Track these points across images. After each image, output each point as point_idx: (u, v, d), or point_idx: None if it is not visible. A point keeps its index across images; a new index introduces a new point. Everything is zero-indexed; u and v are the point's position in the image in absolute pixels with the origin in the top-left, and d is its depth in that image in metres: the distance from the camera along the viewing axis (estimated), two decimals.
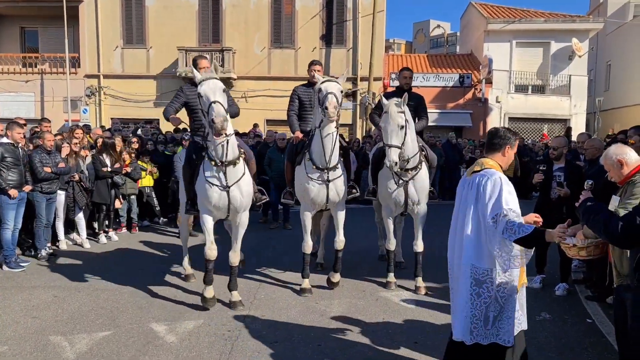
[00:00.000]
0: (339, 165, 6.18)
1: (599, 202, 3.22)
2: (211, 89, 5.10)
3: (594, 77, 27.23)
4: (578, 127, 21.22)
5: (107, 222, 9.27)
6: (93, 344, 4.76)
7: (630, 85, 24.60)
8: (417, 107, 6.82)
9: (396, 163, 5.66)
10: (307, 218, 6.41)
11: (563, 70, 22.45)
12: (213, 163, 5.47)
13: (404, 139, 5.76)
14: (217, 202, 5.57)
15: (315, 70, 6.50)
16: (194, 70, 5.54)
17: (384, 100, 5.95)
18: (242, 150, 5.80)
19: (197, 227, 9.90)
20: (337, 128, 5.97)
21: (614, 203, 3.76)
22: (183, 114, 6.35)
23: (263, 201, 6.65)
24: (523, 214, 3.43)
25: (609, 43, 26.83)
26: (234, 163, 5.52)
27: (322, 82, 5.78)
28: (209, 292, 5.76)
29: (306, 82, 6.87)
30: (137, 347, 4.72)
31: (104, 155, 9.03)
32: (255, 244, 6.79)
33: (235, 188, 5.58)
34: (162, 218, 10.87)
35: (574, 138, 15.98)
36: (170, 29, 21.29)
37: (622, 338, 3.85)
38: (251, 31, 21.59)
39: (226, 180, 5.51)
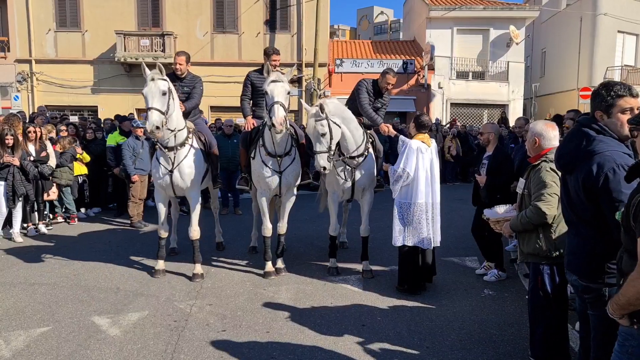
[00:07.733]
0: (292, 151, 6.24)
1: None
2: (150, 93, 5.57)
3: (530, 63, 28.23)
4: (516, 112, 22.00)
5: (36, 215, 8.79)
6: (30, 341, 4.55)
7: (563, 72, 25.68)
8: (382, 107, 6.84)
9: (324, 168, 5.72)
10: (264, 202, 6.40)
11: (501, 57, 23.15)
12: (158, 146, 6.12)
13: (330, 143, 5.73)
14: (161, 182, 6.21)
15: (275, 61, 6.57)
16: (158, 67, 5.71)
17: (306, 106, 5.97)
18: (190, 135, 6.21)
19: (149, 218, 9.65)
20: (287, 128, 5.97)
21: (520, 185, 3.90)
22: None
23: (218, 186, 7.12)
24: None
25: (544, 31, 27.86)
26: (175, 148, 6.05)
27: (269, 83, 5.73)
28: (159, 264, 6.42)
29: (259, 67, 6.78)
30: (78, 341, 4.54)
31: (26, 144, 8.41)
32: (203, 230, 6.66)
33: (176, 171, 6.13)
34: (93, 208, 10.66)
35: (512, 123, 16.54)
36: (107, 11, 20.47)
37: None
38: (193, 15, 21.03)
39: (171, 164, 6.09)
